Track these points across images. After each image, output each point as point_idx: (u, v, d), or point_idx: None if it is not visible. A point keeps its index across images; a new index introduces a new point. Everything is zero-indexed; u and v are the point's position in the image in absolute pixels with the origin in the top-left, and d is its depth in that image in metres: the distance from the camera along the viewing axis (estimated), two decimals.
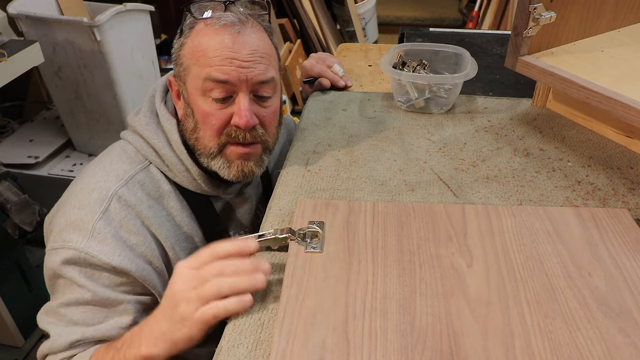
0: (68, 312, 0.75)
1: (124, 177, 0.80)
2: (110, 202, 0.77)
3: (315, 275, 0.63)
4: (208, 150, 0.80)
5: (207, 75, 0.75)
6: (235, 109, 0.78)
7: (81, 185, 0.80)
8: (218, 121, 0.78)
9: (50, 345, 0.75)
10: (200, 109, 0.78)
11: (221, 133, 0.79)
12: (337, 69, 1.11)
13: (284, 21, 3.05)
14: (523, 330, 0.56)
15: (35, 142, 2.04)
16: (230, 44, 0.75)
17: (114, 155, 0.84)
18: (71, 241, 0.74)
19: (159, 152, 0.82)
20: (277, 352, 0.54)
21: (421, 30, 1.41)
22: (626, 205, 0.77)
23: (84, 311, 0.75)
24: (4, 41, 1.48)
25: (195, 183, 0.84)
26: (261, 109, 0.80)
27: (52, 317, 0.77)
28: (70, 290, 0.75)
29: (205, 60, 0.76)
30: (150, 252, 0.79)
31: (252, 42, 0.77)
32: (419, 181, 0.83)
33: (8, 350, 1.72)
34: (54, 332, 0.75)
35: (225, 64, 0.75)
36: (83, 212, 0.76)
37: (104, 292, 0.75)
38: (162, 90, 0.87)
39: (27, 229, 1.48)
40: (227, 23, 0.76)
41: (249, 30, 0.77)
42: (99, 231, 0.75)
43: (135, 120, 0.85)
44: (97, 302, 0.75)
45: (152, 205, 0.81)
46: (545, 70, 0.83)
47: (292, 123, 1.19)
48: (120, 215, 0.77)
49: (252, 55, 0.76)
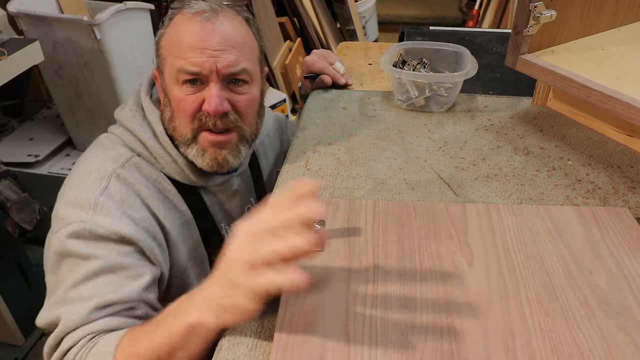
0: (77, 292, 0.69)
1: (120, 159, 0.81)
2: (109, 181, 0.78)
3: (316, 273, 0.63)
4: (184, 137, 0.81)
5: (180, 67, 0.77)
6: (206, 95, 0.78)
7: (78, 170, 0.81)
8: (190, 105, 0.79)
9: (61, 328, 0.67)
10: (175, 96, 0.79)
11: (194, 118, 0.80)
12: (338, 67, 1.11)
13: (284, 20, 3.05)
14: (524, 329, 0.56)
15: (36, 141, 2.04)
16: (199, 30, 0.76)
17: (105, 144, 0.84)
18: (73, 217, 0.73)
19: (145, 144, 0.83)
20: (277, 351, 0.54)
21: (421, 29, 1.41)
22: (626, 204, 0.77)
23: (95, 284, 0.69)
24: (4, 39, 1.48)
25: (183, 173, 0.85)
26: (235, 95, 0.81)
27: (58, 306, 0.70)
28: (75, 270, 0.70)
29: (178, 51, 0.78)
30: (152, 227, 0.79)
31: (223, 30, 0.78)
32: (419, 180, 0.83)
33: (8, 348, 1.73)
34: (64, 313, 0.68)
35: (197, 54, 0.76)
36: (82, 191, 0.76)
37: (115, 258, 0.71)
38: (147, 83, 0.89)
39: (27, 227, 1.48)
40: (197, 11, 0.77)
41: (221, 19, 0.78)
42: (102, 205, 0.74)
43: (121, 115, 0.86)
44: (109, 270, 0.70)
45: (149, 186, 0.82)
46: (545, 69, 0.83)
47: (287, 122, 1.19)
48: (121, 192, 0.77)
49: (223, 44, 0.77)
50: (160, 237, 0.80)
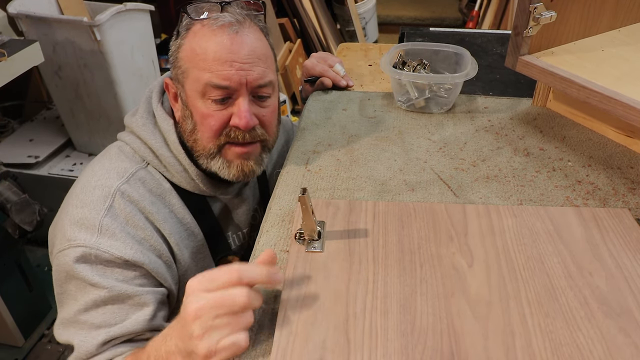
0: (88, 318, 0.73)
1: (124, 174, 0.80)
2: (114, 199, 0.77)
3: (316, 274, 0.63)
4: (207, 151, 0.80)
5: (207, 81, 0.75)
6: (235, 110, 0.78)
7: (81, 186, 0.80)
8: (217, 122, 0.78)
9: (77, 354, 0.73)
10: (199, 110, 0.78)
11: (220, 134, 0.79)
12: (338, 69, 1.11)
13: (284, 21, 3.05)
14: (524, 330, 0.56)
15: (36, 142, 2.04)
16: (228, 44, 0.75)
17: (112, 155, 0.84)
18: (79, 239, 0.73)
19: (156, 152, 0.82)
20: (277, 352, 0.54)
21: (421, 30, 1.41)
22: (626, 205, 0.77)
23: (103, 312, 0.73)
24: (4, 41, 1.48)
25: (193, 183, 0.84)
26: (260, 109, 0.80)
27: (72, 327, 0.75)
28: (84, 293, 0.73)
29: (205, 64, 0.75)
30: (158, 245, 0.79)
31: (250, 42, 0.77)
32: (419, 181, 0.83)
33: (8, 349, 1.72)
34: (78, 340, 0.73)
35: (226, 67, 0.75)
36: (87, 210, 0.76)
37: (120, 287, 0.73)
38: (158, 91, 0.87)
39: (27, 228, 1.48)
40: (224, 23, 0.75)
41: (246, 30, 0.77)
42: (107, 227, 0.74)
43: (132, 122, 0.85)
44: (115, 299, 0.73)
45: (155, 202, 0.81)
46: (545, 70, 0.83)
47: (290, 124, 1.19)
48: (125, 211, 0.77)
49: (251, 57, 0.76)
50: (166, 254, 0.80)
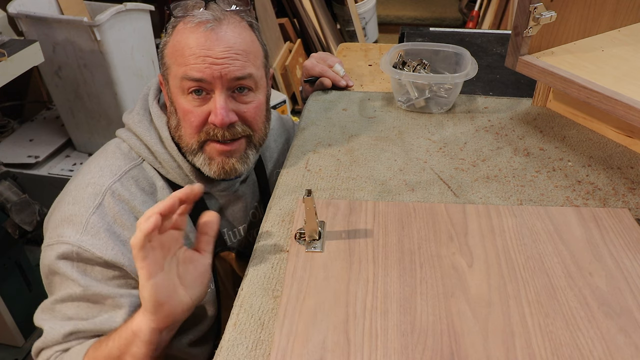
0: (62, 308, 0.76)
1: (117, 172, 0.81)
2: (104, 197, 0.78)
3: (316, 274, 0.63)
4: (190, 147, 0.81)
5: (183, 74, 0.77)
6: (212, 107, 0.78)
7: (76, 182, 0.81)
8: (197, 118, 0.79)
9: (44, 339, 0.76)
10: (181, 106, 0.79)
11: (200, 130, 0.80)
12: (338, 69, 1.11)
13: (284, 21, 3.05)
14: (524, 330, 0.56)
15: (35, 142, 2.04)
16: (203, 41, 0.76)
17: (108, 152, 0.85)
18: (65, 236, 0.75)
19: (151, 149, 0.83)
20: (277, 352, 0.54)
21: (421, 30, 1.41)
22: (626, 205, 0.77)
23: (77, 306, 0.76)
24: (4, 41, 1.48)
25: (188, 179, 0.85)
26: (241, 105, 0.81)
27: (47, 313, 0.77)
28: (64, 286, 0.76)
29: (182, 59, 0.77)
30: None
31: (227, 38, 0.77)
32: (419, 181, 0.83)
33: (8, 349, 1.72)
34: (48, 326, 0.76)
35: (199, 62, 0.76)
36: (77, 207, 0.77)
37: (96, 286, 0.75)
38: (155, 88, 0.89)
39: (27, 228, 1.48)
40: (201, 21, 0.77)
41: (224, 27, 0.78)
42: (92, 225, 0.76)
43: (129, 118, 0.86)
44: (89, 298, 0.75)
45: (146, 201, 0.82)
46: (545, 70, 0.83)
47: (291, 122, 1.19)
48: (114, 210, 0.78)
49: (227, 52, 0.77)
50: None
